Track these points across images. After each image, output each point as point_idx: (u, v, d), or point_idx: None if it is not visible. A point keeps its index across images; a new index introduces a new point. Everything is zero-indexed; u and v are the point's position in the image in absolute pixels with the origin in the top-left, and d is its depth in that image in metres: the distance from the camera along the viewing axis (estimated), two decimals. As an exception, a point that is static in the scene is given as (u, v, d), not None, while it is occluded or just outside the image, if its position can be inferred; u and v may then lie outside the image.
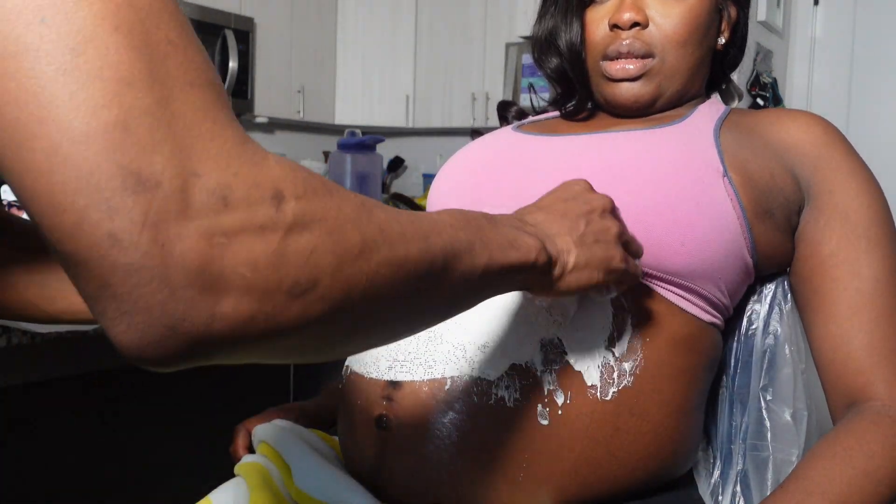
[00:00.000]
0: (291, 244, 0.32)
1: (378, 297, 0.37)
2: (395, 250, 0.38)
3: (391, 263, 0.37)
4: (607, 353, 0.64)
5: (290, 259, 0.32)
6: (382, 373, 0.66)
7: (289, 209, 0.33)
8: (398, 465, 0.64)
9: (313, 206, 0.34)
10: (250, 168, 0.32)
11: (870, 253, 0.70)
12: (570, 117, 0.88)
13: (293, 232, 0.33)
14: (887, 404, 0.66)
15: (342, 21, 3.95)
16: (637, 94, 0.78)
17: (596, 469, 0.64)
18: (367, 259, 0.36)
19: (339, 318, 0.36)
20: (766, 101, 3.13)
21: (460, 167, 0.84)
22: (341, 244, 0.35)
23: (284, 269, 0.32)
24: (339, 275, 0.34)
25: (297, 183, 0.34)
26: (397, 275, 0.38)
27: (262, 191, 0.32)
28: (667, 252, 0.67)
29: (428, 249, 0.40)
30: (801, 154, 0.74)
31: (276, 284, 0.32)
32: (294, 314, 0.33)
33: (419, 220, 0.41)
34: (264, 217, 0.32)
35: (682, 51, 0.77)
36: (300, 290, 0.33)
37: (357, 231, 0.36)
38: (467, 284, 0.45)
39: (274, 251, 0.32)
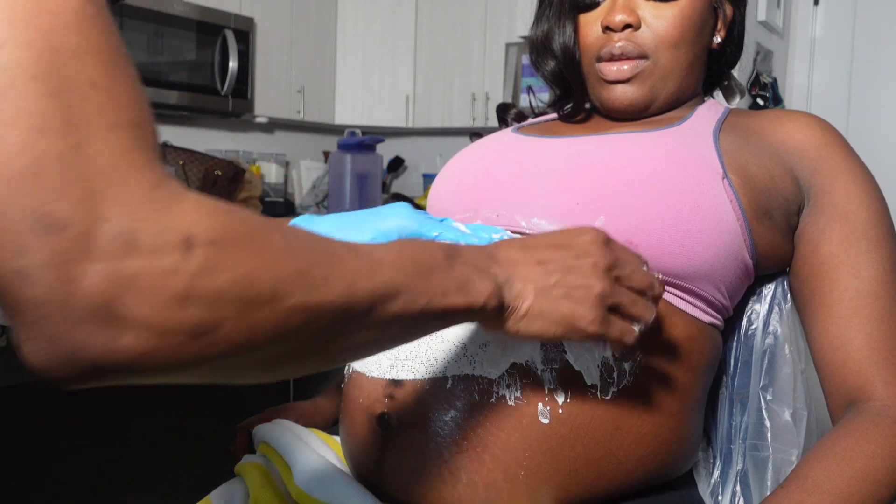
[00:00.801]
0: (197, 289, 0.33)
1: (288, 339, 0.38)
2: (310, 296, 0.38)
3: (305, 309, 0.38)
4: (606, 352, 0.64)
5: (194, 303, 0.34)
6: (384, 371, 0.66)
7: (197, 255, 0.34)
8: (399, 463, 0.64)
9: (224, 253, 0.35)
10: (160, 214, 0.33)
11: (869, 254, 0.70)
12: (568, 119, 0.88)
13: (199, 277, 0.34)
14: (887, 404, 0.66)
15: (342, 21, 3.95)
16: (631, 98, 0.78)
17: (596, 468, 0.64)
18: (277, 305, 0.37)
19: (243, 358, 0.37)
20: (766, 101, 3.13)
21: (460, 169, 0.84)
22: (250, 290, 0.35)
23: (186, 312, 0.33)
24: (244, 319, 0.35)
25: (213, 228, 0.35)
26: (311, 319, 0.39)
27: (169, 236, 0.33)
28: (666, 253, 0.67)
29: (351, 294, 0.40)
30: (800, 155, 0.74)
31: (177, 326, 0.33)
32: (193, 352, 0.34)
33: (354, 259, 0.42)
34: (169, 262, 0.33)
35: (676, 51, 0.77)
36: (201, 332, 0.34)
37: (270, 277, 0.36)
38: (401, 325, 0.46)
39: (177, 295, 0.33)
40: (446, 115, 3.94)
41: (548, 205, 0.71)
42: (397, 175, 4.40)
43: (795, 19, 3.58)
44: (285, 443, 0.73)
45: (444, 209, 0.82)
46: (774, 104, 3.17)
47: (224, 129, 3.65)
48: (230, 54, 3.21)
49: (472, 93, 3.83)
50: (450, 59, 3.90)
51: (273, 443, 0.75)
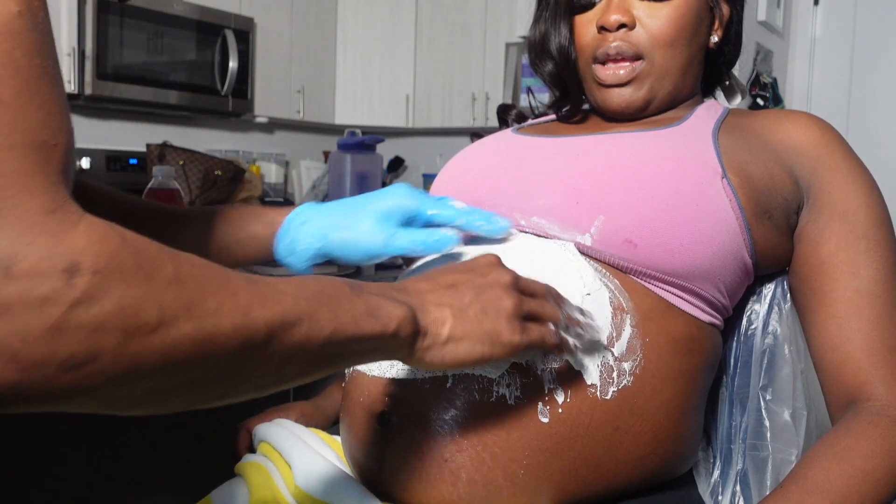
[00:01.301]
0: (74, 319, 0.32)
1: (176, 371, 0.37)
2: (201, 326, 0.37)
3: (195, 340, 0.36)
4: (606, 352, 0.65)
5: (69, 334, 0.32)
6: (385, 370, 0.66)
7: (80, 283, 0.32)
8: (400, 462, 0.64)
9: (110, 281, 0.33)
10: (48, 239, 0.32)
11: (869, 253, 0.70)
12: (567, 120, 0.88)
13: (79, 306, 0.32)
14: (886, 404, 0.66)
15: (342, 21, 3.95)
16: (629, 100, 0.78)
17: (595, 468, 0.64)
18: (164, 335, 0.35)
19: (123, 390, 0.35)
20: (766, 101, 3.13)
21: (460, 168, 0.84)
22: (133, 320, 0.34)
23: (59, 343, 0.32)
24: (125, 351, 0.34)
25: (101, 255, 0.33)
26: (202, 350, 0.37)
27: (53, 262, 0.32)
28: (666, 253, 0.67)
29: (246, 324, 0.39)
30: (799, 155, 0.74)
31: (48, 357, 0.32)
32: (65, 385, 0.33)
33: (251, 290, 0.40)
34: (48, 290, 0.31)
35: (671, 51, 0.77)
36: (75, 364, 0.32)
37: (156, 307, 0.35)
38: (304, 357, 0.44)
39: (51, 325, 0.31)
40: (446, 115, 3.94)
41: (547, 204, 0.71)
42: (397, 175, 4.40)
43: (795, 19, 3.59)
44: (285, 443, 0.73)
45: (444, 209, 0.82)
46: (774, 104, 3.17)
47: (224, 129, 3.65)
48: (230, 54, 3.21)
49: (472, 93, 3.83)
50: (450, 59, 3.90)
51: (273, 443, 0.75)
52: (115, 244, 0.34)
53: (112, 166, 3.01)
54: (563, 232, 0.70)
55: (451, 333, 0.52)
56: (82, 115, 3.04)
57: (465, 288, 0.55)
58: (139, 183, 1.78)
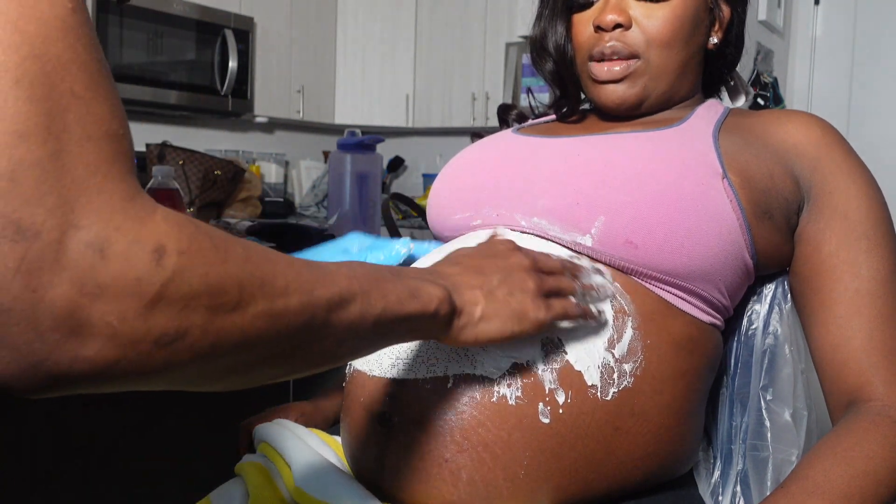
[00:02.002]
0: (165, 297, 0.34)
1: (252, 346, 0.39)
2: (273, 303, 0.39)
3: (268, 316, 0.39)
4: (607, 353, 0.64)
5: (162, 311, 0.34)
6: (385, 371, 0.66)
7: (169, 263, 0.34)
8: (400, 462, 0.64)
9: (194, 262, 0.35)
10: (134, 223, 0.34)
11: (870, 253, 0.70)
12: (565, 118, 0.88)
13: (169, 285, 0.34)
14: (887, 404, 0.66)
15: (342, 21, 3.95)
16: (622, 97, 0.78)
17: (596, 468, 0.64)
18: (243, 312, 0.37)
19: (209, 365, 0.38)
20: (766, 100, 3.13)
21: (460, 168, 0.84)
22: (217, 298, 0.36)
23: (154, 320, 0.34)
24: (211, 327, 0.36)
25: (182, 238, 0.35)
26: (274, 327, 0.40)
27: (142, 245, 0.34)
28: (666, 253, 0.67)
29: (310, 302, 0.42)
30: (800, 155, 0.74)
31: (144, 334, 0.34)
32: (159, 361, 0.35)
33: (310, 270, 0.43)
34: (141, 270, 0.33)
35: (667, 51, 0.77)
36: (168, 340, 0.34)
37: (236, 285, 0.37)
38: (358, 334, 0.47)
39: (146, 304, 0.33)
40: (446, 115, 3.94)
41: (547, 204, 0.71)
42: (397, 175, 4.40)
43: (796, 19, 3.59)
44: (285, 443, 0.73)
45: (445, 208, 0.82)
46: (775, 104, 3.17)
47: (224, 129, 3.65)
48: (230, 54, 3.21)
49: (472, 93, 3.83)
50: (450, 59, 3.90)
51: (273, 443, 0.75)
52: (192, 228, 0.36)
53: (112, 166, 3.00)
54: (564, 233, 0.70)
55: (483, 313, 0.56)
56: (82, 115, 3.04)
57: (491, 271, 0.59)
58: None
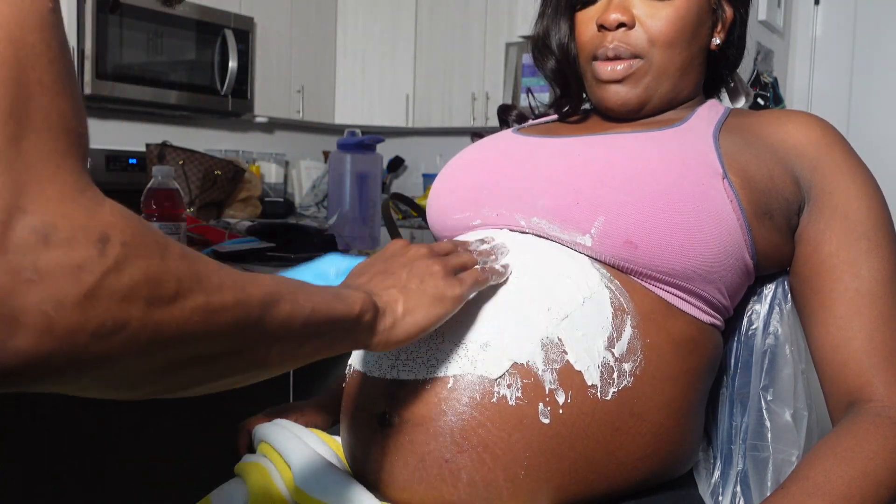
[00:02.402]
0: (106, 286, 0.33)
1: (188, 342, 0.39)
2: (210, 298, 0.39)
3: (205, 311, 0.39)
4: (607, 353, 0.64)
5: (101, 302, 0.33)
6: (385, 371, 0.66)
7: (112, 253, 0.34)
8: (400, 463, 0.64)
9: (137, 253, 0.35)
10: (82, 212, 0.34)
11: (870, 254, 0.70)
12: (567, 118, 0.88)
13: (110, 274, 0.34)
14: (887, 405, 0.66)
15: (342, 21, 3.95)
16: (624, 98, 0.78)
17: (596, 468, 0.64)
18: (181, 306, 0.37)
19: (144, 361, 0.37)
20: (766, 100, 3.13)
21: (460, 168, 0.84)
22: (156, 290, 0.36)
23: (93, 310, 0.33)
24: (149, 320, 0.36)
25: (127, 230, 0.35)
26: (210, 322, 0.40)
27: (88, 233, 0.33)
28: (666, 254, 0.67)
29: (243, 299, 0.42)
30: (800, 155, 0.74)
31: (81, 325, 0.33)
32: (96, 355, 0.34)
33: (238, 273, 0.43)
34: (84, 258, 0.33)
35: (670, 52, 0.77)
36: (106, 332, 0.34)
37: (174, 279, 0.37)
38: (289, 334, 0.47)
39: (85, 293, 0.33)
40: (446, 115, 3.94)
41: (548, 205, 0.71)
42: (397, 175, 4.40)
43: (796, 19, 3.59)
44: (285, 443, 0.73)
45: (444, 208, 0.82)
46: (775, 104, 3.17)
47: (224, 129, 3.65)
48: (230, 54, 3.21)
49: (472, 93, 3.83)
50: (450, 59, 3.90)
51: (273, 443, 0.75)
52: (136, 222, 0.37)
53: (112, 166, 3.01)
54: (564, 233, 0.70)
55: (405, 308, 0.58)
56: (82, 115, 3.04)
57: (396, 268, 0.61)
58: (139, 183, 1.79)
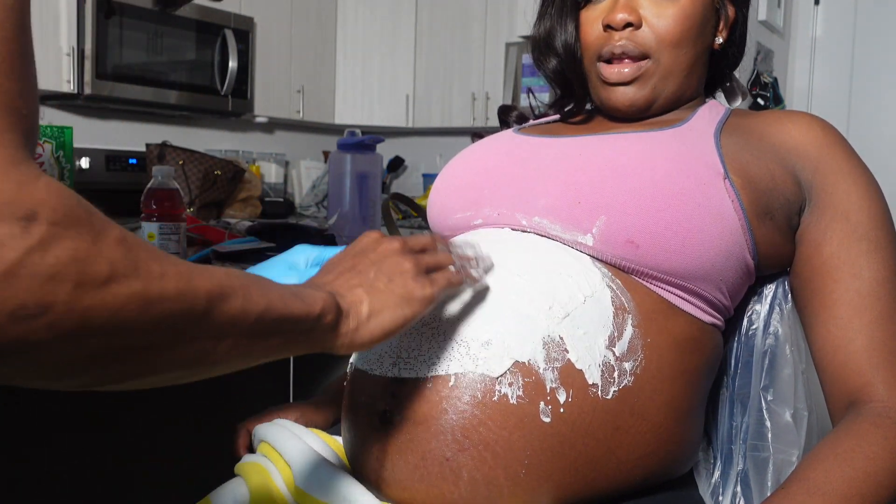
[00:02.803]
0: (28, 266, 0.32)
1: (123, 331, 0.36)
2: (148, 286, 0.37)
3: (142, 298, 0.37)
4: (607, 352, 0.64)
5: (22, 281, 0.32)
6: (386, 369, 0.66)
7: (37, 231, 0.32)
8: (400, 461, 0.64)
9: (65, 234, 0.33)
10: (11, 186, 0.32)
11: (870, 254, 0.70)
12: (569, 119, 0.88)
13: (34, 253, 0.32)
14: (888, 405, 0.66)
15: (342, 21, 3.95)
16: (632, 99, 0.78)
17: (596, 467, 0.64)
18: (114, 292, 0.35)
19: (73, 348, 0.35)
20: (766, 100, 3.13)
21: (461, 168, 0.84)
22: (85, 273, 0.34)
23: (12, 290, 0.31)
24: (76, 303, 0.33)
25: (58, 209, 0.33)
26: (148, 312, 0.37)
27: (13, 209, 0.32)
28: (667, 253, 0.67)
29: (188, 290, 0.40)
30: (801, 155, 0.74)
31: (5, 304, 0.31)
32: (13, 337, 0.32)
33: (186, 264, 0.41)
34: (5, 234, 0.31)
35: (677, 51, 0.77)
36: (26, 314, 0.32)
37: (107, 263, 0.35)
38: (239, 331, 0.44)
39: (4, 270, 0.31)
40: (446, 115, 3.94)
41: (549, 204, 0.71)
42: (397, 175, 4.40)
43: (796, 19, 3.59)
44: (285, 443, 0.73)
45: (445, 208, 0.82)
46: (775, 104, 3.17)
47: (224, 129, 3.65)
48: (230, 54, 3.21)
49: (472, 93, 3.83)
50: (450, 59, 3.90)
51: (273, 443, 0.75)
52: (72, 201, 0.35)
53: (111, 166, 3.01)
54: (565, 232, 0.70)
55: (370, 309, 0.55)
56: (82, 115, 3.04)
57: (365, 266, 0.58)
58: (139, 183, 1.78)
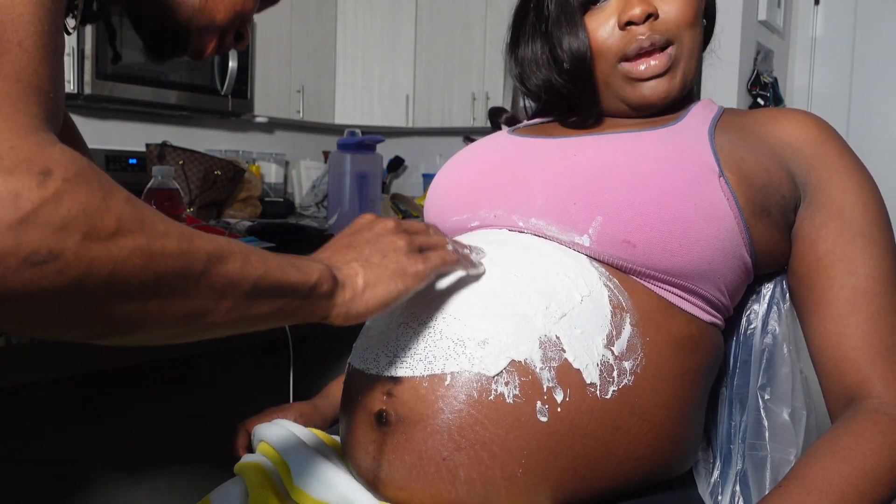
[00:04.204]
0: (42, 216, 0.35)
1: (126, 282, 0.39)
2: (151, 242, 0.40)
3: (145, 253, 0.39)
4: (606, 351, 0.65)
5: (36, 229, 0.35)
6: (383, 369, 0.66)
7: (51, 185, 0.36)
8: (397, 460, 0.64)
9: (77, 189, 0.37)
10: (31, 147, 0.36)
11: (865, 250, 0.70)
12: (564, 120, 0.86)
13: (47, 205, 0.35)
14: (885, 402, 0.66)
15: (342, 21, 3.95)
16: (667, 90, 0.78)
17: (594, 467, 0.64)
18: (120, 244, 0.38)
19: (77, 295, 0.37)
20: (766, 100, 3.12)
21: (457, 170, 0.84)
22: (94, 226, 0.37)
23: (27, 236, 0.34)
24: (84, 253, 0.36)
25: (71, 168, 0.37)
26: (150, 266, 0.40)
27: (30, 165, 0.35)
28: (665, 253, 0.67)
29: (189, 249, 0.43)
30: (796, 152, 0.74)
31: (14, 249, 0.34)
32: (26, 280, 0.35)
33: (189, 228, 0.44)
34: (22, 187, 0.35)
35: (694, 30, 0.78)
36: (39, 260, 0.35)
37: (115, 218, 0.38)
38: (236, 293, 0.47)
39: (20, 218, 0.34)
40: (446, 115, 3.94)
41: (545, 205, 0.71)
42: (397, 175, 4.40)
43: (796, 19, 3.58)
44: (285, 443, 0.73)
45: (442, 211, 0.82)
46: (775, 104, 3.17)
47: (224, 129, 3.65)
48: (230, 54, 3.21)
49: (472, 93, 3.83)
50: (450, 59, 3.90)
51: (273, 443, 0.75)
52: (84, 164, 0.38)
53: (112, 166, 3.01)
54: (562, 233, 0.70)
55: (365, 281, 0.58)
56: (82, 115, 3.04)
57: (360, 243, 0.62)
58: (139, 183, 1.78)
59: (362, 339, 0.72)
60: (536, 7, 0.82)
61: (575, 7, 0.79)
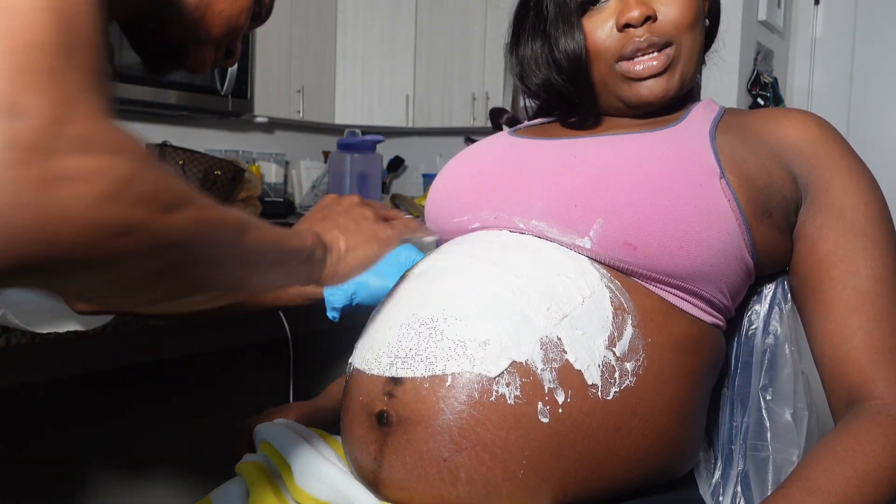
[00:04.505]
0: (126, 191, 0.39)
1: (187, 249, 0.44)
2: (202, 213, 0.46)
3: (198, 222, 0.45)
4: (608, 352, 0.64)
5: (121, 203, 0.38)
6: (384, 369, 0.66)
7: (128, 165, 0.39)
8: (398, 461, 0.64)
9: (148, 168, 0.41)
10: (114, 130, 0.40)
11: (867, 251, 0.70)
12: (565, 121, 0.86)
13: (131, 181, 0.39)
14: (887, 403, 0.66)
15: (342, 21, 3.95)
16: (665, 89, 0.77)
17: (596, 468, 0.64)
18: (182, 216, 0.43)
19: (148, 263, 0.42)
20: (766, 100, 3.12)
21: (457, 172, 0.84)
22: (164, 199, 0.42)
23: (113, 210, 0.38)
24: (157, 224, 0.41)
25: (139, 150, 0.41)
26: (204, 233, 0.46)
27: (109, 146, 0.39)
28: (666, 255, 0.67)
29: (225, 219, 0.48)
30: (797, 152, 0.74)
31: (104, 222, 0.38)
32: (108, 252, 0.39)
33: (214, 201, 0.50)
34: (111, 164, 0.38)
35: (693, 32, 0.78)
36: (120, 231, 0.39)
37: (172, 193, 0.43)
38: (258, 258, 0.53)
39: (109, 194, 0.38)
40: (446, 115, 3.94)
41: (546, 207, 0.71)
42: (397, 175, 4.40)
43: (796, 19, 3.58)
44: (286, 442, 0.73)
45: (443, 212, 0.82)
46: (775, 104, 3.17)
47: (224, 129, 3.65)
48: (230, 54, 3.20)
49: (472, 93, 3.83)
50: (450, 59, 3.89)
51: (274, 442, 0.75)
52: (143, 145, 0.42)
53: (112, 166, 3.00)
54: (563, 235, 0.70)
55: (347, 245, 0.67)
56: (82, 115, 3.04)
57: (334, 215, 0.71)
58: (139, 183, 1.78)
59: (363, 339, 0.72)
60: (536, 6, 0.82)
61: (572, 8, 0.78)
